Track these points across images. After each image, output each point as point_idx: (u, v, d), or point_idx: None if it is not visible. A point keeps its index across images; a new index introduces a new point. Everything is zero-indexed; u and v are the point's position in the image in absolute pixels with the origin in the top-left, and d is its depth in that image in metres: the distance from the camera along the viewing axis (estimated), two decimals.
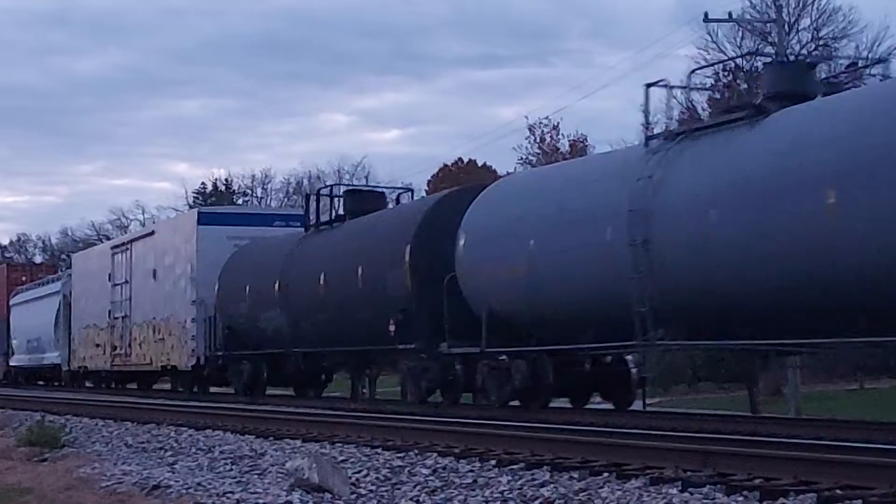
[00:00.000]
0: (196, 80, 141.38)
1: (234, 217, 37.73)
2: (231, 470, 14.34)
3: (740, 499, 9.64)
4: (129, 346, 41.38)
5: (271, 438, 17.65)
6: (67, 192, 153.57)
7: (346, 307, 27.43)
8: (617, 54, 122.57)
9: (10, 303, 60.11)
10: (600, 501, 10.21)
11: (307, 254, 30.14)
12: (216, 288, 34.22)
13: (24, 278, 62.12)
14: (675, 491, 10.16)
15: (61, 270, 61.43)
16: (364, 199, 31.06)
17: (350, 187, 36.15)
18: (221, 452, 16.38)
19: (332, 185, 38.32)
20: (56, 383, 55.04)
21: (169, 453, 17.05)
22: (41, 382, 58.29)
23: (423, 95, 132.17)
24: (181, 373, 37.31)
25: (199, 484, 12.43)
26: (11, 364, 59.64)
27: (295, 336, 30.19)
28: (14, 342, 59.42)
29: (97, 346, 45.57)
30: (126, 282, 42.06)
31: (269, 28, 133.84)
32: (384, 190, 34.61)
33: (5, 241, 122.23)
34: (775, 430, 15.51)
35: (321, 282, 28.54)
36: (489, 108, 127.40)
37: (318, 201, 32.04)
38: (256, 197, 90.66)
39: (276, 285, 30.73)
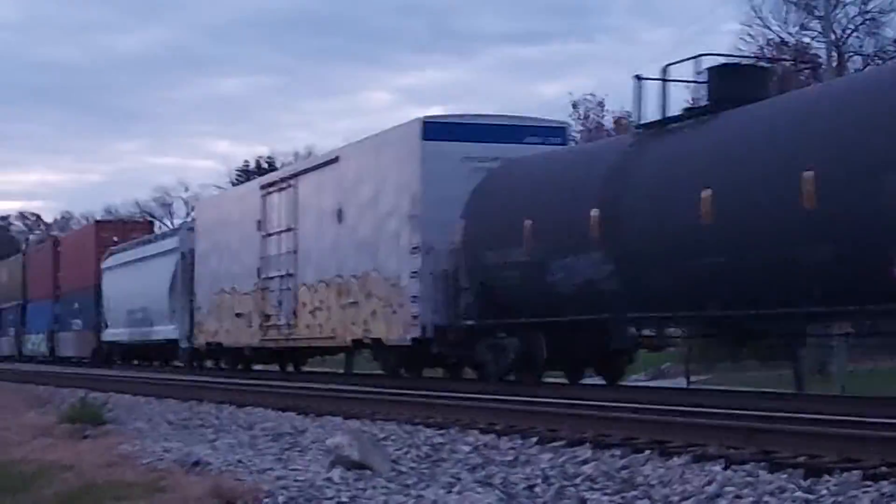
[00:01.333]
0: (236, 58, 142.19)
1: (473, 130, 25.78)
2: (272, 447, 14.32)
3: (784, 476, 9.52)
4: (294, 314, 30.56)
5: (312, 415, 17.62)
6: (110, 170, 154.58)
7: (770, 243, 17.07)
8: (660, 30, 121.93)
9: (102, 266, 51.50)
10: (643, 479, 10.12)
11: (664, 161, 19.60)
12: (462, 228, 23.88)
13: (115, 238, 53.22)
14: (718, 468, 10.05)
15: (163, 224, 56.23)
16: (746, 79, 19.89)
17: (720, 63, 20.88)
18: (262, 429, 16.38)
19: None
20: (171, 364, 45.53)
21: (210, 430, 17.06)
22: (146, 363, 49.04)
23: (465, 73, 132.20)
24: (390, 349, 26.37)
25: (239, 461, 12.41)
26: (105, 339, 51.17)
27: (631, 293, 19.83)
28: (108, 313, 50.43)
29: (238, 315, 34.44)
30: (288, 229, 31.15)
31: (308, 5, 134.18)
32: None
33: (49, 219, 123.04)
34: (820, 407, 15.33)
35: (704, 204, 17.86)
36: (532, 85, 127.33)
37: (663, 89, 20.51)
38: None
39: (595, 217, 20.27)
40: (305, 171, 31.57)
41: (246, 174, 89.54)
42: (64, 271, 60.59)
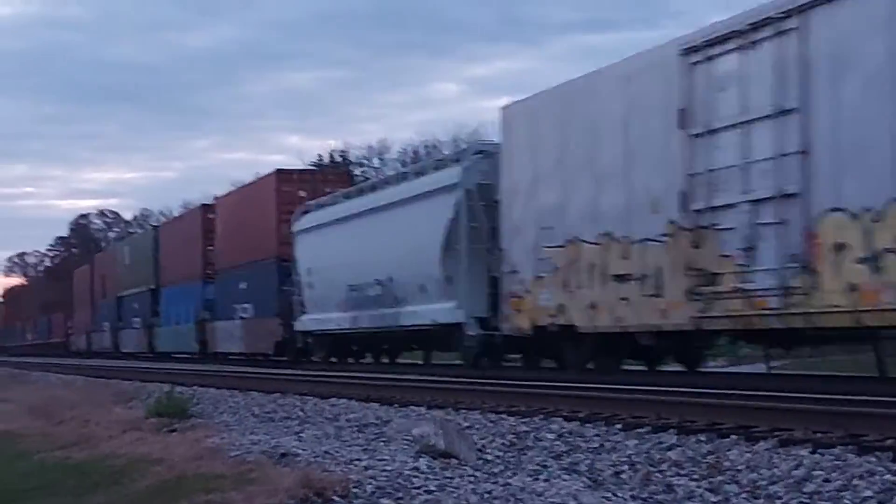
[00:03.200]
0: (306, 53, 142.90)
1: None
2: (357, 438, 14.44)
3: (873, 459, 9.50)
4: (809, 267, 16.62)
5: (396, 406, 17.73)
6: (183, 167, 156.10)
7: None
8: (728, 13, 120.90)
9: (294, 228, 37.31)
10: (729, 464, 10.12)
11: None
12: None
13: (301, 193, 40.33)
14: (805, 452, 10.04)
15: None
16: None
17: None
18: (347, 420, 16.50)
19: None
20: (454, 370, 27.95)
21: (295, 422, 17.20)
22: (376, 358, 35.07)
23: (534, 62, 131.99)
24: None
25: (326, 452, 12.50)
26: (301, 329, 36.69)
27: None
28: (309, 293, 36.12)
29: (620, 279, 20.98)
30: (779, 113, 17.31)
31: None
32: None
33: (128, 216, 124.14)
34: None
35: None
36: None
37: None
38: (373, 167, 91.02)
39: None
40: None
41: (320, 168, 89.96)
42: (222, 243, 47.85)
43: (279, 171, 42.38)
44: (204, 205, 52.72)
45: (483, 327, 25.56)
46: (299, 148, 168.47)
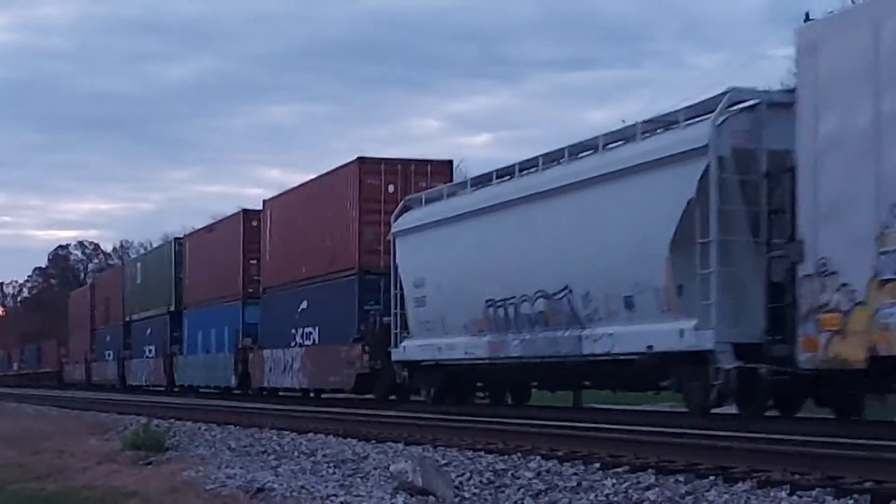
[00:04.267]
0: (287, 86, 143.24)
1: None
2: (334, 473, 14.37)
3: (850, 502, 9.49)
4: None
5: (373, 442, 17.67)
6: (162, 199, 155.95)
7: None
8: (709, 55, 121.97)
9: (396, 228, 29.03)
10: None
11: None
12: None
13: (390, 188, 31.82)
14: (783, 494, 10.02)
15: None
16: None
17: None
18: (324, 456, 16.42)
19: None
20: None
21: (272, 457, 17.12)
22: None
23: (513, 99, 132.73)
24: None
25: (302, 487, 12.45)
26: (399, 358, 28.45)
27: None
28: (416, 312, 27.93)
29: None
30: None
31: (359, 32, 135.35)
32: None
33: (108, 248, 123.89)
34: (880, 433, 15.25)
35: None
36: (580, 110, 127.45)
37: None
38: None
39: None
40: None
41: None
42: (272, 255, 39.22)
43: (362, 160, 32.27)
44: (245, 210, 43.31)
45: (742, 357, 17.85)
46: (278, 181, 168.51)
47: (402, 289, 28.40)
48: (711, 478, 11.18)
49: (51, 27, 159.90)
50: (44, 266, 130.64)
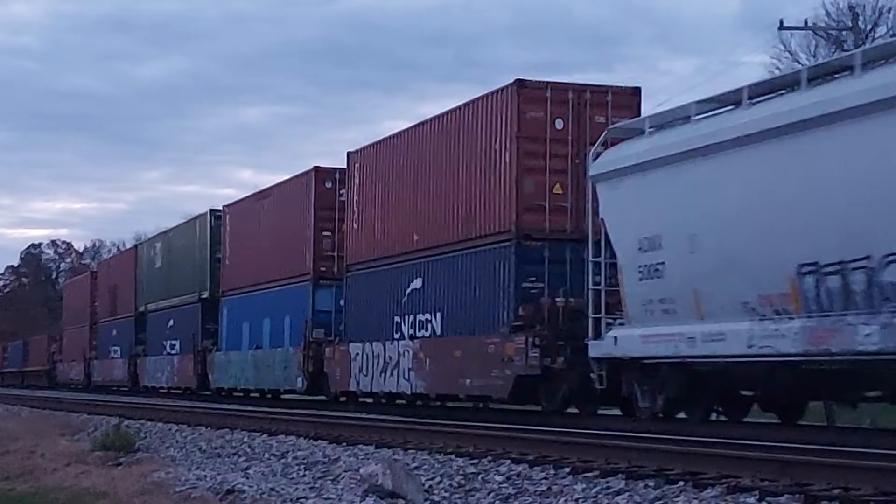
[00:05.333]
0: (259, 87, 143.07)
1: None
2: (304, 475, 14.36)
3: None
4: None
5: (344, 444, 17.65)
6: (134, 199, 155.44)
7: None
8: (681, 60, 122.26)
9: (600, 170, 20.69)
10: None
11: None
12: None
13: (558, 123, 23.46)
14: (752, 500, 10.05)
15: None
16: None
17: None
18: (294, 458, 16.41)
19: None
20: None
21: (242, 458, 17.11)
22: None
23: None
24: None
25: (272, 489, 12.45)
26: (604, 354, 20.08)
27: None
28: (641, 284, 19.36)
29: None
30: None
31: (332, 34, 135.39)
32: None
33: (80, 248, 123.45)
34: (852, 440, 15.30)
35: None
36: None
37: None
38: None
39: None
40: None
41: None
42: (363, 221, 30.22)
43: (521, 84, 23.44)
44: (317, 168, 33.79)
45: None
46: (250, 182, 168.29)
47: (617, 256, 20.03)
48: (681, 483, 11.20)
49: (21, 25, 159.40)
50: (16, 265, 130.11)
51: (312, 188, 33.17)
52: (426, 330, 26.09)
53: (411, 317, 26.76)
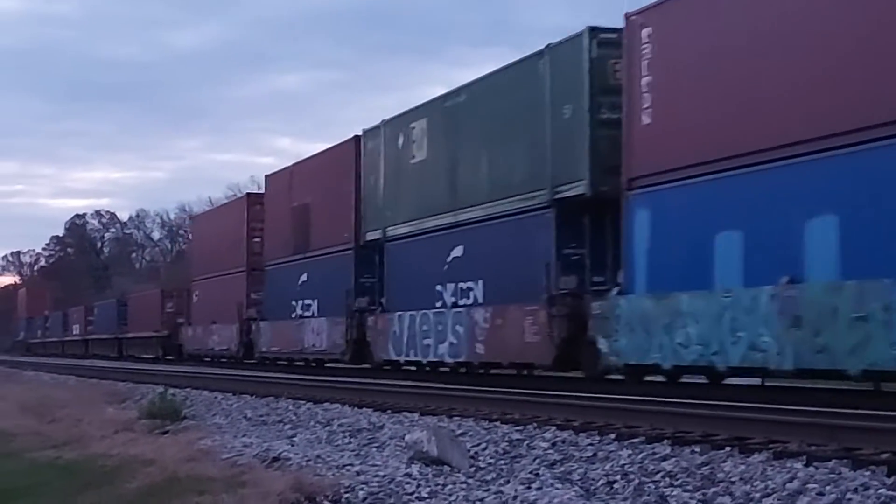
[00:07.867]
0: (296, 54, 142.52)
1: None
2: (350, 443, 14.39)
3: (867, 473, 9.45)
4: None
5: (389, 412, 17.67)
6: (174, 168, 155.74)
7: None
8: None
9: None
10: (723, 475, 10.07)
11: None
12: None
13: None
14: (799, 465, 9.99)
15: None
16: None
17: None
18: (340, 425, 16.44)
19: None
20: None
21: (288, 426, 17.16)
22: None
23: None
24: None
25: (318, 456, 12.48)
26: None
27: None
28: None
29: None
30: None
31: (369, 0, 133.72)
32: None
33: (124, 217, 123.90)
34: None
35: None
36: None
37: None
38: None
39: None
40: None
41: None
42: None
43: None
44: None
45: None
46: (289, 150, 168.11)
47: None
48: (728, 448, 11.16)
49: None
50: (61, 235, 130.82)
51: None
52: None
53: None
